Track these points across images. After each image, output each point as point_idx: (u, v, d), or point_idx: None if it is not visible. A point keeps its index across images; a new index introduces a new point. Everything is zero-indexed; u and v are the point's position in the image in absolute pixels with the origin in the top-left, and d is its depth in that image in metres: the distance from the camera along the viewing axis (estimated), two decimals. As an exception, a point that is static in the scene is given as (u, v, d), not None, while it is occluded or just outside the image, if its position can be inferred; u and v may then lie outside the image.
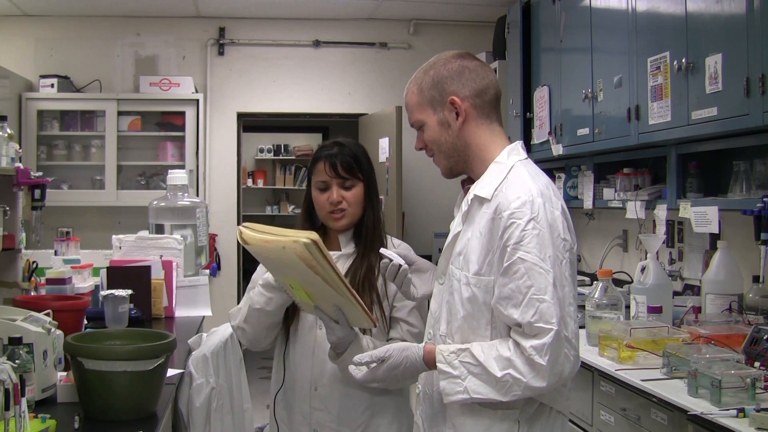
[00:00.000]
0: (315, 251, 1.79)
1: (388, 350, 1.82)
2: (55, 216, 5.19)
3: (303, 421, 2.20)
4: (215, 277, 5.88)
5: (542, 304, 1.67)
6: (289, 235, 1.82)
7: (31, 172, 3.27)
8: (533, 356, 1.66)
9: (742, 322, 2.79)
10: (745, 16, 2.59)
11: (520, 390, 1.68)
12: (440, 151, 1.89)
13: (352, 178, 2.21)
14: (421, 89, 1.88)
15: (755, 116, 2.54)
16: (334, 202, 2.19)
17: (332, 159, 2.20)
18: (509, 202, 1.73)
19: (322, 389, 2.18)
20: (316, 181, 2.22)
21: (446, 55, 1.91)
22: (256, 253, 1.97)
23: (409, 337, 2.16)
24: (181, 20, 6.04)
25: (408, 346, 1.83)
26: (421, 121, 1.89)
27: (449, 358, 1.75)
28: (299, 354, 2.21)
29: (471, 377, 1.72)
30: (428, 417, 1.91)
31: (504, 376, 1.69)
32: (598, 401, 2.93)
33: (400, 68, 6.03)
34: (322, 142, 2.34)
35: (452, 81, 1.85)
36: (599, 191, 3.94)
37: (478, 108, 1.86)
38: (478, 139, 1.86)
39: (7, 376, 1.69)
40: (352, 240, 2.25)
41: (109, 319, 3.07)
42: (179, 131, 5.87)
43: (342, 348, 2.04)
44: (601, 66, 3.69)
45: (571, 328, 1.69)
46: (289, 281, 1.99)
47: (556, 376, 1.68)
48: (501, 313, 1.72)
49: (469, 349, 1.74)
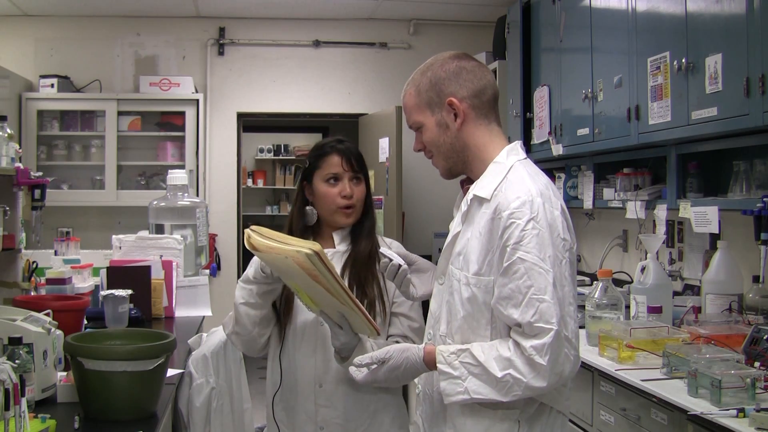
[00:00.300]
0: (317, 262, 1.80)
1: (389, 352, 1.82)
2: (55, 216, 5.19)
3: (307, 419, 2.19)
4: (215, 277, 5.88)
5: (542, 304, 1.67)
6: (292, 244, 1.83)
7: (31, 172, 3.27)
8: (533, 356, 1.66)
9: (742, 322, 2.79)
10: (745, 16, 2.59)
11: (521, 390, 1.69)
12: (439, 152, 1.89)
13: (361, 173, 2.22)
14: (418, 91, 1.88)
15: (755, 116, 2.54)
16: (348, 195, 2.18)
17: (347, 153, 2.20)
18: (509, 202, 1.73)
19: (327, 386, 2.18)
20: (327, 174, 2.20)
21: (443, 56, 1.90)
22: (261, 257, 1.98)
23: (409, 333, 2.16)
24: (181, 20, 6.04)
25: (408, 347, 1.83)
26: (420, 123, 1.89)
27: (449, 358, 1.76)
28: (301, 353, 2.20)
29: (471, 378, 1.73)
30: (428, 417, 1.91)
31: (504, 376, 1.69)
32: (598, 401, 2.93)
33: (400, 68, 6.03)
34: (326, 138, 2.32)
35: (450, 82, 1.85)
36: (599, 191, 3.94)
37: (477, 108, 1.86)
38: (477, 139, 1.86)
39: (7, 376, 1.69)
40: (348, 237, 2.25)
41: (109, 319, 3.08)
42: (179, 131, 5.86)
43: (346, 352, 2.05)
44: (601, 66, 3.69)
45: (571, 327, 1.69)
46: (294, 286, 2.01)
47: (556, 375, 1.68)
48: (501, 313, 1.72)
49: (470, 349, 1.74)
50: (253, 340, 2.21)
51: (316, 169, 2.23)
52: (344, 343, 2.03)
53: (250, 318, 2.15)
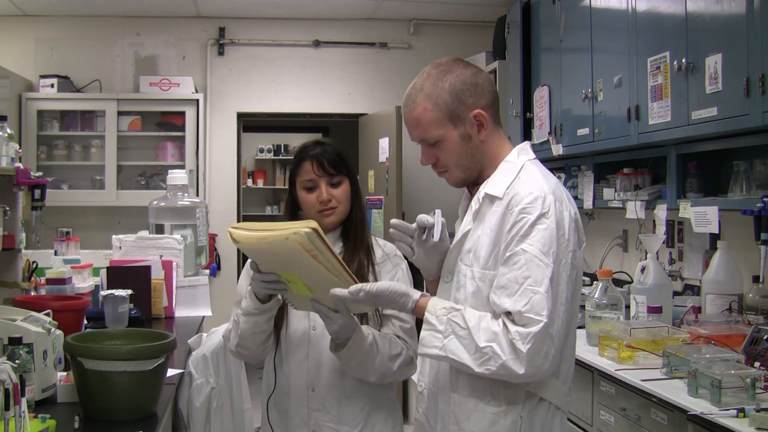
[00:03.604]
0: (316, 239, 1.79)
1: (386, 290, 1.80)
2: (55, 216, 5.20)
3: (300, 423, 2.19)
4: (215, 277, 5.89)
5: (536, 296, 1.67)
6: (287, 228, 1.82)
7: (31, 172, 3.27)
8: (516, 341, 1.66)
9: (742, 322, 2.79)
10: (745, 16, 2.59)
11: (496, 366, 1.67)
12: (458, 165, 1.87)
13: (339, 174, 2.20)
14: (437, 105, 1.83)
15: (755, 116, 2.54)
16: (324, 200, 2.18)
17: (318, 157, 2.18)
18: (521, 198, 1.74)
19: (319, 390, 2.17)
20: (303, 181, 2.19)
21: (450, 64, 1.86)
22: (250, 252, 1.95)
23: (401, 333, 2.15)
24: (181, 20, 6.04)
25: (406, 292, 1.81)
26: (440, 137, 1.84)
27: (439, 312, 1.75)
28: (293, 358, 2.20)
29: (453, 338, 1.72)
30: (433, 415, 1.91)
31: (486, 348, 1.68)
32: (598, 401, 2.93)
33: (400, 68, 6.03)
34: (302, 144, 2.30)
35: (471, 92, 1.83)
36: (599, 191, 3.94)
37: (493, 117, 1.87)
38: (494, 147, 1.87)
39: (7, 376, 1.69)
40: (340, 239, 2.25)
41: (109, 319, 3.08)
42: (179, 131, 5.86)
43: (344, 337, 2.00)
44: (601, 66, 3.69)
45: (557, 326, 1.69)
46: (286, 276, 1.96)
47: (534, 368, 1.67)
48: (494, 303, 1.72)
49: (462, 311, 1.74)
50: (259, 355, 2.22)
51: (295, 176, 2.23)
52: (342, 326, 1.96)
53: (257, 341, 2.15)
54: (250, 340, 2.15)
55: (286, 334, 2.21)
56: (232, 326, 2.18)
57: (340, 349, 2.03)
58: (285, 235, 1.80)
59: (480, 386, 1.79)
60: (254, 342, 2.15)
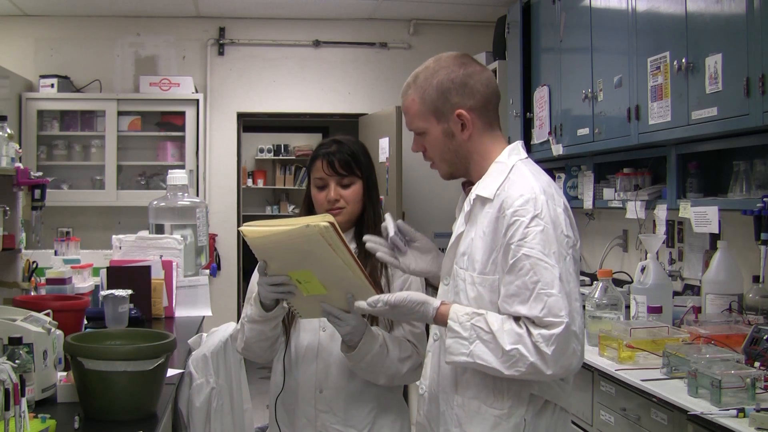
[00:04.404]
0: (332, 233, 1.79)
1: (404, 300, 1.80)
2: (55, 216, 5.19)
3: (307, 423, 2.19)
4: (215, 277, 5.88)
5: (550, 299, 1.66)
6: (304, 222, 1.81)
7: (31, 172, 3.27)
8: (539, 344, 1.65)
9: (742, 322, 2.79)
10: (745, 16, 2.59)
11: (525, 367, 1.67)
12: (442, 159, 1.89)
13: (350, 175, 2.19)
14: (423, 99, 1.85)
15: (755, 116, 2.54)
16: (331, 200, 2.18)
17: (330, 157, 2.19)
18: (512, 200, 1.73)
19: (327, 392, 2.17)
20: (315, 178, 2.21)
21: (447, 61, 1.87)
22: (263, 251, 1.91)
23: (411, 338, 2.15)
24: (181, 20, 6.04)
25: (425, 301, 1.80)
26: (423, 129, 1.88)
27: (462, 318, 1.74)
28: (302, 358, 2.20)
29: (479, 342, 1.71)
30: (434, 417, 1.91)
31: (512, 350, 1.67)
32: (598, 401, 2.93)
33: (400, 68, 6.02)
34: (321, 141, 2.31)
35: (457, 92, 1.83)
36: (599, 191, 3.94)
37: (482, 118, 1.86)
38: (481, 147, 1.87)
39: (7, 376, 1.69)
40: (354, 240, 2.25)
41: (109, 319, 3.07)
42: (179, 131, 5.87)
43: (355, 339, 1.99)
44: (601, 66, 3.69)
45: (578, 322, 1.69)
46: (297, 276, 1.92)
47: (562, 368, 1.67)
48: (507, 311, 1.71)
49: (484, 315, 1.73)
50: (266, 358, 2.23)
51: (310, 173, 2.24)
52: (354, 327, 1.96)
53: (263, 347, 2.16)
54: (255, 346, 2.16)
55: (296, 335, 2.21)
56: (240, 325, 2.19)
57: (351, 350, 2.02)
58: (306, 223, 1.80)
59: (483, 388, 1.79)
60: (260, 348, 2.16)
